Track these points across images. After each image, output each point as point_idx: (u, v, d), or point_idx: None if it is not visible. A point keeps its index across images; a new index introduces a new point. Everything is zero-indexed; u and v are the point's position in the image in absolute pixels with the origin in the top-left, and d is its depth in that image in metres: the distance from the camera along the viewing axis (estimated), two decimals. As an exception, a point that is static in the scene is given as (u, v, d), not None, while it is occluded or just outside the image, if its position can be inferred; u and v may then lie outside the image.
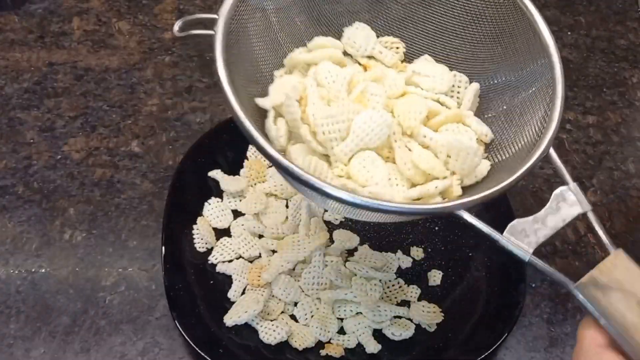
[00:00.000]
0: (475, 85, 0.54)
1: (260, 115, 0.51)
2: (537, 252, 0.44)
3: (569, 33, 0.83)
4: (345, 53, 0.55)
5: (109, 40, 0.78)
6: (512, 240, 0.43)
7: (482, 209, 0.52)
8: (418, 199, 0.47)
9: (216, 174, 0.65)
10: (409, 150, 0.49)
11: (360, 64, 0.55)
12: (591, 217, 0.44)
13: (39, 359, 0.56)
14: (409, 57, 0.56)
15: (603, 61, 0.81)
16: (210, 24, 0.48)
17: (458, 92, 0.54)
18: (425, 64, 0.54)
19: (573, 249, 0.64)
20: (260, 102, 0.50)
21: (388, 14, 0.56)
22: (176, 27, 0.51)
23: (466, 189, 0.50)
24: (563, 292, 0.61)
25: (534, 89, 0.50)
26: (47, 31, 0.79)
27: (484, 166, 0.50)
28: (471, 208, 0.43)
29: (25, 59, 0.76)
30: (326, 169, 0.48)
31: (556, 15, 0.85)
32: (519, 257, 0.42)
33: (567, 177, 0.45)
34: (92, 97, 0.73)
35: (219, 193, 0.64)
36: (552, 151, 0.46)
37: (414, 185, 0.49)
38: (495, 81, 0.54)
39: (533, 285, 0.62)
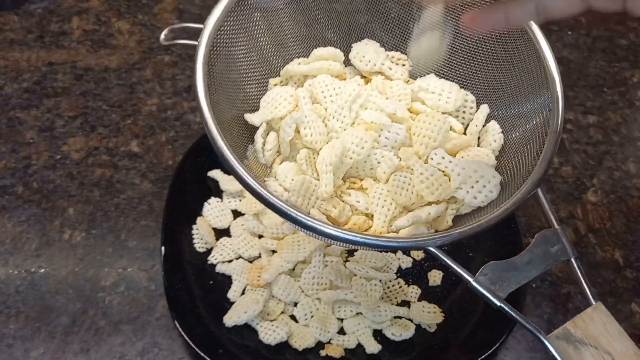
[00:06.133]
0: (485, 108, 0.52)
1: (243, 134, 0.50)
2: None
3: (570, 33, 0.83)
4: (346, 64, 0.54)
5: (108, 40, 0.78)
6: (484, 284, 0.41)
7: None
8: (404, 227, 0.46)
9: (216, 173, 0.64)
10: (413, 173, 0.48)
11: (362, 76, 0.54)
12: (575, 264, 0.42)
13: (38, 359, 0.55)
14: (413, 76, 0.55)
15: (603, 61, 0.81)
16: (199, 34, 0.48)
17: (464, 113, 0.53)
18: (433, 80, 0.52)
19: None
20: (249, 118, 0.50)
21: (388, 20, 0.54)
22: (162, 36, 0.51)
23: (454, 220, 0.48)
24: (563, 292, 0.61)
25: (531, 125, 0.49)
26: (47, 31, 0.79)
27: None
28: (445, 244, 0.42)
29: (24, 59, 0.76)
30: (315, 187, 0.47)
31: (556, 14, 0.85)
32: (490, 302, 0.41)
33: (553, 219, 0.44)
34: (92, 97, 0.73)
35: (219, 193, 0.64)
36: (539, 191, 0.44)
37: (405, 208, 0.48)
38: (497, 112, 0.52)
39: (533, 285, 0.61)
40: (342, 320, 0.58)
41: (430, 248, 0.41)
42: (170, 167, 0.68)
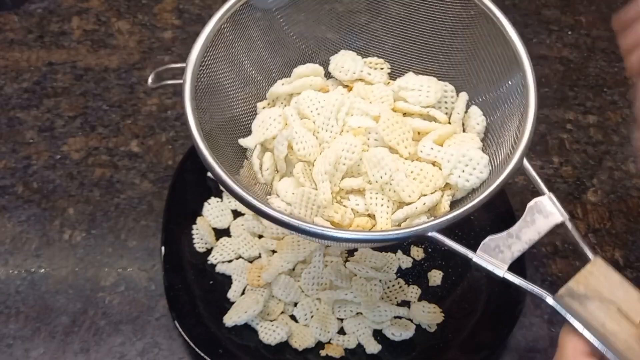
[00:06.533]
0: (465, 95, 0.54)
1: (239, 158, 0.53)
2: (538, 251, 0.43)
3: (570, 33, 0.83)
4: (327, 76, 0.56)
5: (108, 40, 0.78)
6: (485, 258, 0.43)
7: (483, 210, 0.52)
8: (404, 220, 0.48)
9: (216, 173, 0.64)
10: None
11: (344, 85, 0.56)
12: (569, 225, 0.44)
13: (38, 359, 0.55)
14: (393, 77, 0.57)
15: (604, 61, 0.81)
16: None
17: (445, 104, 0.54)
18: (411, 78, 0.54)
19: (574, 249, 0.64)
20: (243, 142, 0.52)
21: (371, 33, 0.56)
22: (150, 80, 0.54)
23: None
24: (563, 292, 0.61)
25: (510, 103, 0.50)
26: (47, 31, 0.78)
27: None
28: (442, 229, 0.43)
29: (24, 59, 0.76)
30: (315, 197, 0.49)
31: (556, 15, 0.85)
32: (493, 274, 0.42)
33: (543, 187, 0.45)
34: (92, 97, 0.73)
35: (219, 193, 0.64)
36: (526, 162, 0.46)
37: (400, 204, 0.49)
38: (477, 99, 0.54)
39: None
40: (342, 320, 0.58)
41: (429, 234, 0.43)
42: (170, 167, 0.68)
